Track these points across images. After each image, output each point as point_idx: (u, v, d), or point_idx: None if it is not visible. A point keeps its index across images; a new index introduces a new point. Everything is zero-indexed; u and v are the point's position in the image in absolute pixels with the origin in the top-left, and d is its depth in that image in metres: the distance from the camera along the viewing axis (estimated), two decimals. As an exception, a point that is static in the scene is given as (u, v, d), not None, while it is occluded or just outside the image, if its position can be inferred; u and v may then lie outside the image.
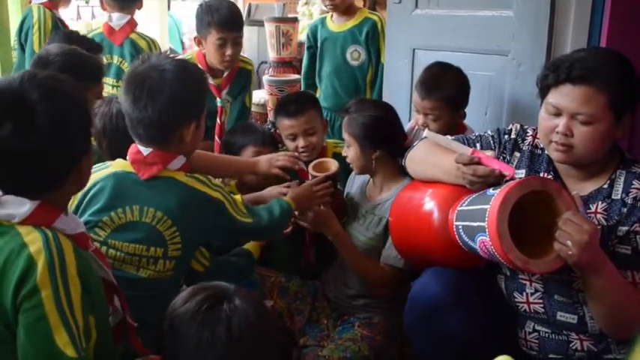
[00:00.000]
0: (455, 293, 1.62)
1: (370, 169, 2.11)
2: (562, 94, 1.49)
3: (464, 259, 1.64)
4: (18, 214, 1.19)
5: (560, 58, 1.57)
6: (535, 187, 1.43)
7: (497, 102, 2.31)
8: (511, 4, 2.22)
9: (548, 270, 1.42)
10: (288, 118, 2.35)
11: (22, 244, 1.16)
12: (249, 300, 1.23)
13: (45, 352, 1.13)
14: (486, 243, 1.43)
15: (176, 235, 1.62)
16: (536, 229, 1.47)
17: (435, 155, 1.76)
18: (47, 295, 1.13)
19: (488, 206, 1.43)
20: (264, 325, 1.23)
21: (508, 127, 1.74)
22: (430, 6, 2.56)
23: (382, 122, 2.08)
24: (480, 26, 2.34)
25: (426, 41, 2.59)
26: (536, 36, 2.13)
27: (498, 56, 2.28)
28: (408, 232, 1.80)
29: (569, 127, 1.48)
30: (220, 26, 2.55)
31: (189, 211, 1.64)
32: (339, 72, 3.17)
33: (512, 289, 1.66)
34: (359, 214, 2.16)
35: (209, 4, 2.62)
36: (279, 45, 4.11)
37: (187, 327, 1.18)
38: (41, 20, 3.21)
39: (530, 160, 1.66)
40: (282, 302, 2.11)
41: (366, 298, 2.12)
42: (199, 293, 1.23)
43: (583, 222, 1.36)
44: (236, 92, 2.82)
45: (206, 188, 1.67)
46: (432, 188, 1.74)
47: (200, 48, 2.67)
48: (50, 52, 2.15)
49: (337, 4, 3.08)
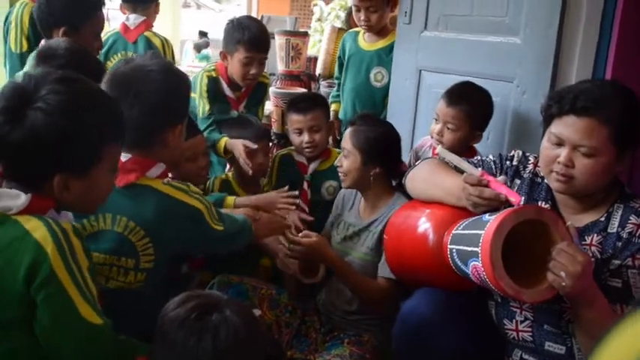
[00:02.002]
0: (445, 314, 1.61)
1: (363, 184, 2.11)
2: (565, 124, 1.49)
3: (456, 282, 1.63)
4: (15, 206, 1.19)
5: (565, 88, 1.57)
6: (531, 216, 1.43)
7: (500, 127, 2.31)
8: (518, 31, 2.23)
9: (540, 299, 1.42)
10: (297, 113, 2.51)
11: (24, 232, 1.16)
12: (239, 312, 1.22)
13: (77, 331, 1.18)
14: (479, 269, 1.42)
15: (149, 247, 1.56)
16: (530, 258, 1.46)
17: (438, 175, 1.75)
18: (65, 277, 1.16)
19: (483, 232, 1.42)
20: (252, 340, 1.23)
21: (510, 153, 1.74)
22: (439, 28, 2.58)
23: (389, 140, 2.11)
24: (487, 51, 2.35)
25: (432, 63, 2.61)
26: (542, 64, 2.14)
27: (503, 82, 2.29)
28: (403, 252, 1.79)
29: (570, 158, 1.48)
30: (249, 45, 2.59)
31: (165, 222, 1.56)
32: (360, 90, 3.11)
33: (502, 316, 1.65)
34: (352, 234, 2.16)
35: (240, 21, 2.67)
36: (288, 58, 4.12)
37: (175, 333, 1.18)
38: (18, 16, 3.02)
39: (530, 188, 1.65)
40: (271, 314, 2.09)
41: (360, 314, 2.11)
42: (191, 300, 1.23)
43: (577, 253, 1.36)
44: (252, 105, 2.86)
45: (185, 196, 1.59)
46: (430, 209, 1.74)
47: (224, 62, 2.70)
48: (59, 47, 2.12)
49: (372, 24, 2.99)
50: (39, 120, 1.17)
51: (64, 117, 1.19)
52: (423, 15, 2.62)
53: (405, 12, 2.69)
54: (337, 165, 2.17)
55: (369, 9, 2.94)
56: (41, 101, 1.18)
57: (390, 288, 1.99)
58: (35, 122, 1.17)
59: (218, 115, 2.69)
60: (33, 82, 1.21)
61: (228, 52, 2.67)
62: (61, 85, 1.22)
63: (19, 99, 1.19)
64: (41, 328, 1.17)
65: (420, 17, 2.63)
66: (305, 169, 2.57)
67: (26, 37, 2.97)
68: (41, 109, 1.18)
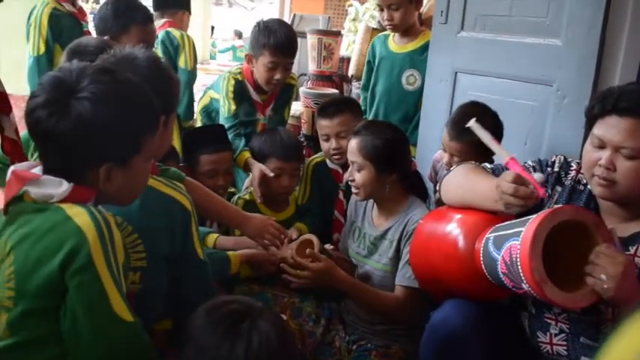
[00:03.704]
0: (475, 326, 1.56)
1: (379, 194, 2.04)
2: (607, 125, 1.44)
3: (486, 290, 1.59)
4: (56, 194, 1.19)
5: (609, 89, 1.53)
6: (572, 217, 1.39)
7: (538, 133, 2.25)
8: (559, 33, 2.16)
9: (580, 305, 1.38)
10: (324, 118, 2.45)
11: (66, 217, 1.16)
12: (272, 321, 1.20)
13: (107, 325, 1.16)
14: (513, 249, 1.38)
15: (138, 244, 1.48)
16: (570, 264, 1.42)
17: (472, 181, 1.70)
18: (102, 266, 1.15)
19: (523, 228, 1.39)
20: (284, 349, 1.20)
21: (551, 159, 1.68)
22: (476, 29, 2.52)
23: (398, 143, 2.03)
24: (525, 53, 2.29)
25: (469, 65, 2.56)
26: (584, 67, 2.07)
27: (543, 86, 2.23)
28: (431, 260, 1.74)
29: (612, 160, 1.43)
30: (274, 50, 2.55)
31: (152, 216, 1.47)
32: (391, 94, 3.02)
33: (535, 328, 1.60)
34: (369, 244, 2.10)
35: (267, 24, 2.62)
36: (319, 58, 4.10)
37: (207, 338, 1.16)
38: (38, 17, 2.97)
39: (570, 195, 1.60)
40: (294, 323, 2.04)
41: (385, 324, 2.05)
42: (224, 306, 1.21)
43: (616, 254, 1.33)
44: (279, 107, 2.83)
45: (173, 192, 1.51)
46: (461, 214, 1.69)
47: (250, 65, 2.67)
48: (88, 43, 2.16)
49: (396, 24, 2.90)
50: (86, 109, 1.18)
51: (109, 106, 1.20)
52: (459, 15, 2.56)
53: (440, 11, 2.63)
54: (349, 179, 2.09)
55: (391, 7, 2.86)
56: (85, 91, 1.19)
57: (408, 297, 1.94)
58: (82, 112, 1.18)
59: (244, 117, 2.67)
60: (73, 73, 1.22)
61: (253, 56, 2.64)
62: (103, 76, 1.23)
63: (61, 90, 1.20)
64: (70, 319, 1.15)
65: (457, 17, 2.57)
66: (340, 178, 2.49)
67: (44, 39, 2.95)
68: (87, 98, 1.18)
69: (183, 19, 3.61)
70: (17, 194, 1.20)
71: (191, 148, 2.41)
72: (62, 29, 2.93)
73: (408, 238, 1.96)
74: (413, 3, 2.89)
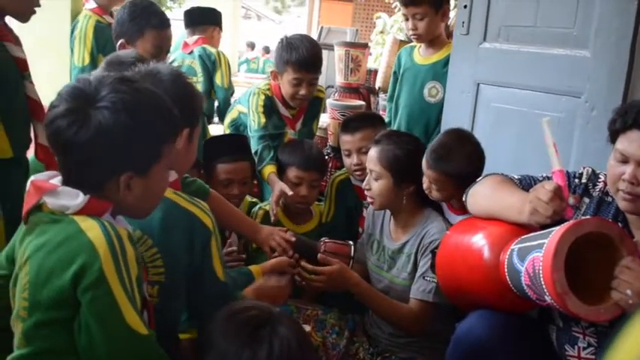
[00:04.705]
0: (501, 337, 1.55)
1: (396, 205, 2.03)
2: (629, 140, 1.43)
3: (511, 302, 1.57)
4: (72, 206, 1.19)
5: (631, 103, 1.52)
6: (596, 229, 1.37)
7: (565, 146, 2.20)
8: (587, 44, 2.13)
9: (602, 318, 1.36)
10: (346, 133, 2.46)
11: (78, 230, 1.16)
12: (292, 327, 1.21)
13: (122, 339, 1.16)
14: (536, 260, 1.37)
15: (157, 258, 1.47)
16: (594, 276, 1.40)
17: (500, 192, 1.68)
18: (114, 281, 1.14)
19: (547, 240, 1.38)
20: (304, 355, 1.21)
21: (579, 171, 1.66)
22: (499, 40, 2.48)
23: (418, 154, 2.00)
24: (551, 65, 2.25)
25: (492, 76, 2.51)
26: (614, 79, 2.03)
27: (570, 97, 2.19)
28: (456, 270, 1.72)
29: (635, 175, 1.41)
30: (298, 67, 2.55)
31: (172, 231, 1.47)
32: (413, 106, 2.96)
33: (563, 341, 1.58)
34: (388, 257, 2.09)
35: (290, 40, 2.61)
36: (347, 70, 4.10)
37: (228, 344, 1.17)
38: (82, 29, 3.07)
39: (597, 207, 1.58)
40: (318, 336, 2.03)
41: (408, 337, 2.03)
42: (245, 312, 1.22)
43: None
44: (307, 120, 2.83)
45: (194, 208, 1.50)
46: (487, 225, 1.67)
47: (275, 81, 2.68)
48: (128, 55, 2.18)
49: (421, 33, 2.83)
50: (105, 118, 1.18)
51: (130, 114, 1.20)
52: (482, 26, 2.52)
53: (462, 22, 2.59)
54: (365, 188, 2.08)
55: (416, 16, 2.79)
56: (105, 100, 1.19)
57: (422, 310, 1.92)
58: (103, 121, 1.17)
59: (273, 130, 2.67)
60: (92, 83, 1.22)
61: (278, 72, 2.64)
62: (122, 85, 1.23)
63: (80, 100, 1.20)
64: (85, 334, 1.15)
65: (479, 28, 2.53)
66: (363, 195, 2.48)
67: (89, 50, 3.04)
68: (107, 107, 1.18)
69: (213, 35, 3.72)
70: (36, 204, 1.21)
71: (209, 156, 2.41)
72: (107, 40, 2.99)
73: (424, 251, 1.95)
74: (439, 14, 2.82)
